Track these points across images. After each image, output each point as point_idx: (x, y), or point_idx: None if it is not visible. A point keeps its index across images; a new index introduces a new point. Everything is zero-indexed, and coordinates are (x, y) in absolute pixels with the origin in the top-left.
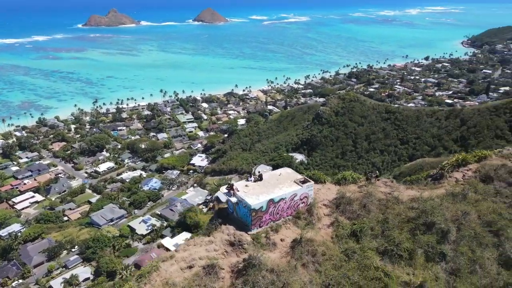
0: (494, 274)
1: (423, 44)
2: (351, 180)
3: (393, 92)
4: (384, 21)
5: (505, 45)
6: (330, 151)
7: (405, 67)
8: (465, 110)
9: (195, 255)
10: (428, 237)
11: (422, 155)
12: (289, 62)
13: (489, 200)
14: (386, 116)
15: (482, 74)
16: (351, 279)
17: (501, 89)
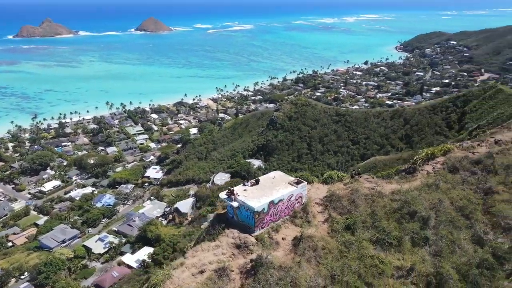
0: (471, 252)
1: (362, 49)
2: (336, 179)
3: (338, 95)
4: (325, 28)
5: (433, 49)
6: (286, 155)
7: (347, 71)
8: (407, 110)
9: (205, 260)
10: (412, 225)
11: (373, 153)
12: (237, 70)
13: (458, 188)
14: (336, 119)
15: (415, 76)
16: (352, 268)
17: (432, 90)
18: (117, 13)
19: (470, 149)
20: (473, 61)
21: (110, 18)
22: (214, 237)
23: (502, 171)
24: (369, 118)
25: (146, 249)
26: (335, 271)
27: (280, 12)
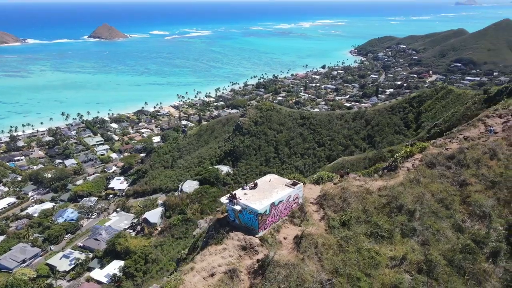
0: (454, 239)
1: (319, 54)
2: (326, 179)
3: (299, 99)
4: (282, 33)
5: (385, 53)
6: (254, 160)
7: (306, 75)
8: (367, 112)
9: (214, 263)
10: (401, 217)
11: (338, 154)
12: (197, 76)
13: (436, 182)
14: (301, 122)
15: (370, 78)
16: (352, 261)
17: (387, 91)
18: (68, 20)
19: (444, 146)
20: (421, 63)
21: (61, 25)
22: (218, 241)
23: (473, 164)
24: (333, 120)
25: (116, 263)
26: (337, 265)
27: (237, 18)
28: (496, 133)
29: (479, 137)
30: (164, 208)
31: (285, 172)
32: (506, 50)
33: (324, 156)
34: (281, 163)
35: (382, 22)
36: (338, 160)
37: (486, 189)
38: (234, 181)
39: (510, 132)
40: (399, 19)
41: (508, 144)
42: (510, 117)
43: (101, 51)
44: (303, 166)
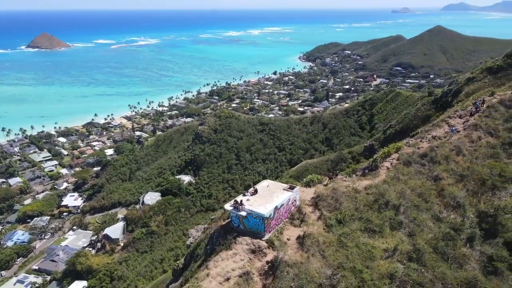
0: (436, 229)
1: (269, 60)
2: (317, 182)
3: (253, 105)
4: (232, 41)
5: (332, 59)
6: (216, 168)
7: (258, 82)
8: (324, 116)
9: (227, 268)
10: (388, 212)
11: (299, 158)
12: (148, 86)
13: (414, 178)
14: (261, 128)
15: (320, 83)
16: (353, 255)
17: (336, 95)
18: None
19: (416, 145)
20: (366, 68)
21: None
22: (227, 246)
23: (443, 160)
24: (291, 125)
25: (78, 284)
26: (340, 260)
27: (185, 26)
28: (459, 131)
29: (445, 136)
30: (125, 222)
31: (248, 178)
32: (439, 55)
33: (286, 161)
34: (243, 170)
35: (327, 29)
36: (301, 164)
37: (456, 182)
38: (197, 190)
39: (470, 131)
40: (343, 26)
41: (470, 141)
42: (469, 117)
43: (42, 62)
44: (265, 171)
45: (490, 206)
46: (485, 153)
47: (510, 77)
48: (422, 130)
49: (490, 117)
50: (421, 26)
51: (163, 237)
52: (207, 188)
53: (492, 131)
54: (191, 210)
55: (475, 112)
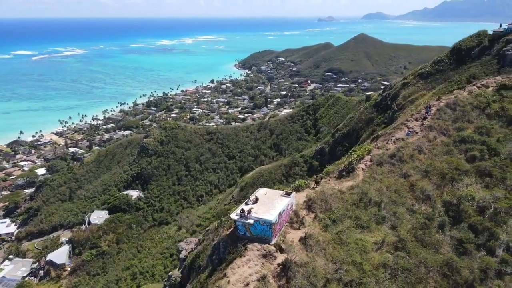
0: (413, 220)
1: (205, 69)
2: (305, 186)
3: (193, 115)
4: (165, 50)
5: (267, 66)
6: (165, 180)
7: (196, 91)
8: (270, 122)
9: (245, 274)
10: (373, 209)
11: (249, 165)
12: (79, 99)
13: (388, 177)
14: (208, 137)
15: (258, 90)
16: (351, 250)
17: (274, 101)
18: None
19: (384, 147)
20: (300, 74)
21: None
22: (240, 253)
23: (409, 159)
24: (239, 133)
25: None
26: (342, 256)
27: (114, 35)
28: (417, 133)
29: (407, 138)
30: (71, 245)
31: (200, 188)
32: (365, 60)
33: (236, 168)
34: (194, 180)
35: (260, 37)
36: (256, 170)
37: (422, 177)
38: (148, 204)
39: (427, 132)
40: (274, 34)
41: (428, 141)
42: (423, 120)
43: None
44: (217, 180)
45: (453, 196)
46: (441, 151)
47: (439, 81)
48: (385, 133)
49: (441, 119)
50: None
51: (116, 257)
52: (158, 202)
53: (444, 131)
54: (143, 226)
55: (427, 115)
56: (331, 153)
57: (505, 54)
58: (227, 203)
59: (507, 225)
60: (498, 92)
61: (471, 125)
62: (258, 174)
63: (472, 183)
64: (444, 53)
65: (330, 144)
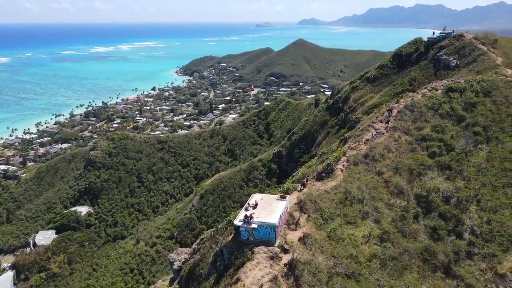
0: (392, 213)
1: (146, 76)
2: (293, 189)
3: (136, 124)
4: (100, 57)
5: (209, 72)
6: (117, 193)
7: (138, 99)
8: (222, 128)
9: (257, 276)
10: (357, 206)
11: (205, 172)
12: (6, 112)
13: (365, 175)
14: (160, 147)
15: (201, 96)
16: (346, 246)
17: (219, 107)
18: None
19: (357, 148)
20: (243, 79)
21: None
22: (248, 258)
23: (380, 158)
24: (191, 140)
25: None
26: (339, 251)
27: (41, 42)
28: (383, 133)
29: (372, 141)
30: (14, 271)
31: (155, 199)
32: (304, 64)
33: (192, 176)
34: (148, 191)
35: (199, 43)
36: (215, 177)
37: (394, 174)
38: (100, 220)
39: (392, 132)
40: (214, 40)
41: (394, 141)
42: (385, 123)
43: None
44: (172, 189)
45: (422, 189)
46: (407, 149)
47: (384, 84)
48: (353, 135)
49: (402, 120)
50: (284, 38)
51: (69, 278)
52: (110, 216)
53: (407, 131)
54: (96, 243)
55: (389, 117)
56: (289, 155)
57: (439, 58)
58: (188, 212)
59: (469, 211)
60: (447, 94)
61: (428, 124)
62: (217, 181)
63: (435, 176)
64: (387, 59)
65: (287, 147)
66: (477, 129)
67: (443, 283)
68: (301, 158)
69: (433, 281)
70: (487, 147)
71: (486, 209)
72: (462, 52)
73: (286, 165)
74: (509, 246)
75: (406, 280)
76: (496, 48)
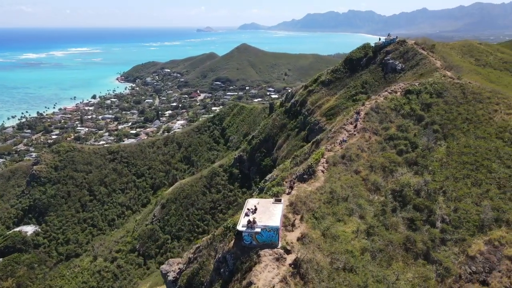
0: (373, 208)
1: (84, 84)
2: (282, 192)
3: (78, 134)
4: (30, 65)
5: (153, 78)
6: (66, 209)
7: (77, 108)
8: (176, 135)
9: (268, 278)
10: (343, 204)
11: (161, 181)
12: None
13: (344, 175)
14: (111, 157)
15: (146, 103)
16: (342, 242)
17: (166, 113)
18: None
19: (333, 150)
20: (189, 84)
21: None
22: (255, 262)
23: (355, 157)
24: (145, 149)
25: None
26: (336, 247)
27: None
28: (355, 134)
29: (341, 146)
30: None
31: (110, 212)
32: (249, 69)
33: (148, 186)
34: (101, 204)
35: (140, 48)
36: (176, 185)
37: (370, 172)
38: (49, 239)
39: (362, 133)
40: (155, 45)
41: (365, 141)
42: (354, 126)
43: None
44: (128, 201)
45: (396, 184)
46: (378, 148)
47: (339, 88)
48: (327, 137)
49: (370, 121)
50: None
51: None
52: (61, 234)
53: (375, 131)
54: (48, 263)
55: (358, 120)
56: (250, 159)
57: (387, 63)
58: (149, 222)
59: (438, 202)
60: (405, 96)
61: (393, 124)
62: (178, 189)
63: (405, 172)
64: (339, 63)
65: (248, 151)
66: (435, 127)
67: (424, 268)
68: (262, 161)
69: (416, 267)
70: (445, 143)
71: (452, 199)
72: (406, 56)
73: (248, 169)
74: (475, 230)
75: (395, 268)
76: (434, 52)
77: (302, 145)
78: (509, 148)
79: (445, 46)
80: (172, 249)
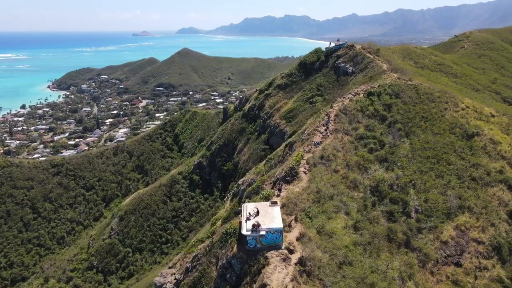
0: (356, 205)
1: (11, 93)
2: (272, 195)
3: (8, 148)
4: None
5: (89, 85)
6: (7, 230)
7: (5, 120)
8: (127, 144)
9: (279, 279)
10: (330, 202)
11: (114, 192)
12: None
13: (325, 174)
14: (55, 171)
15: (84, 112)
16: (337, 238)
17: (107, 122)
18: None
19: (312, 151)
20: (129, 91)
21: None
22: (265, 264)
23: (332, 157)
24: (93, 160)
25: None
26: (333, 243)
27: None
28: (328, 136)
29: (315, 149)
30: None
31: (58, 229)
32: (192, 73)
33: (99, 198)
34: (47, 222)
35: (71, 53)
36: (134, 195)
37: (348, 170)
38: None
39: (335, 134)
40: (89, 50)
41: (339, 141)
42: (326, 129)
43: None
44: (78, 216)
45: (372, 180)
46: (350, 147)
47: (295, 91)
48: (302, 139)
49: (340, 123)
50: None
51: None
52: (3, 257)
53: (346, 132)
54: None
55: (328, 122)
56: (211, 165)
57: (339, 66)
58: (107, 237)
59: (410, 195)
60: (368, 98)
61: (361, 124)
62: (137, 200)
63: (378, 169)
64: (294, 67)
65: (207, 156)
66: (398, 125)
67: (407, 256)
68: (224, 166)
69: (401, 256)
70: (408, 140)
71: (421, 190)
72: (355, 60)
73: (209, 175)
74: (444, 218)
75: (383, 259)
76: (379, 56)
77: (264, 148)
78: (461, 142)
79: (387, 50)
80: (134, 262)
